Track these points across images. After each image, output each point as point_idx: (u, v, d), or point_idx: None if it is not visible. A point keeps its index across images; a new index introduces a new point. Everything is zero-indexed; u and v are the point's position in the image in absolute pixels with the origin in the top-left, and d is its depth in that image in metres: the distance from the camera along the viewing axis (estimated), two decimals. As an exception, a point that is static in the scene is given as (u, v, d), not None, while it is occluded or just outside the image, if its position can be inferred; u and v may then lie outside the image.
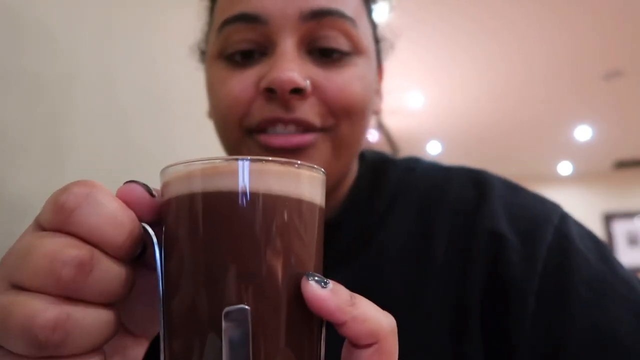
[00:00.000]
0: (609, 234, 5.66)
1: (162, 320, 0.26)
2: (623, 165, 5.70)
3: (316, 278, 0.25)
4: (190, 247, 0.25)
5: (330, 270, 0.31)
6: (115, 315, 0.26)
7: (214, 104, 0.50)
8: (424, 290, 0.47)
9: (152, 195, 0.27)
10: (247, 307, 0.23)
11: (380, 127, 4.21)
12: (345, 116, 0.46)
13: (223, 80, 0.47)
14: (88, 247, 0.24)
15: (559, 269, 0.43)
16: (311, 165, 0.27)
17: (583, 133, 4.68)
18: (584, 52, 3.20)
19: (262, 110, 0.45)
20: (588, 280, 0.42)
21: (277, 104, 0.44)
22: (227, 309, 0.23)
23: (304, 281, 0.24)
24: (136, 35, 1.01)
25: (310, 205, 0.26)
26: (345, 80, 0.46)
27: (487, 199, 0.49)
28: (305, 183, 0.26)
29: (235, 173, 0.24)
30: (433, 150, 5.15)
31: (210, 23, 0.54)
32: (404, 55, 3.06)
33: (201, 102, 0.64)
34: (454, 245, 0.48)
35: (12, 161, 0.69)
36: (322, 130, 0.46)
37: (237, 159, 0.24)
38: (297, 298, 0.25)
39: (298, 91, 0.43)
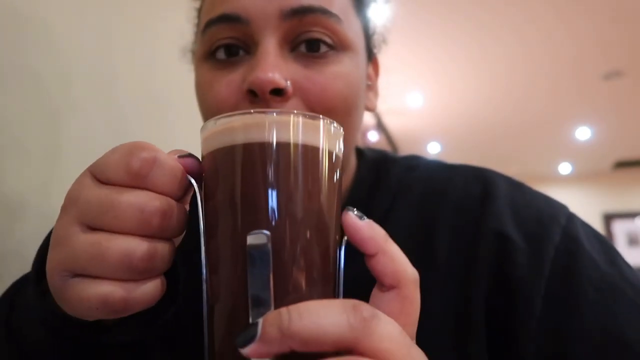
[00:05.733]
0: (609, 234, 5.66)
1: (203, 252, 0.31)
2: (623, 165, 5.70)
3: (355, 212, 0.29)
4: (224, 188, 0.30)
5: None
6: (175, 246, 0.32)
7: (202, 109, 0.50)
8: (426, 289, 0.46)
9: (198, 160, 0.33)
10: (267, 232, 0.27)
11: (380, 127, 4.21)
12: (328, 117, 0.46)
13: (209, 83, 0.47)
14: (165, 198, 0.30)
15: (566, 271, 0.43)
16: (331, 120, 0.31)
17: (583, 133, 4.68)
18: (584, 53, 3.20)
19: None
20: (596, 283, 0.41)
21: (259, 106, 0.43)
22: (250, 233, 0.27)
23: (344, 213, 0.29)
24: (136, 35, 1.01)
25: (330, 152, 0.31)
26: (328, 78, 0.45)
27: (492, 198, 0.48)
28: (324, 133, 0.30)
29: (264, 125, 0.29)
30: (433, 150, 5.16)
31: (198, 25, 0.53)
32: (404, 55, 3.06)
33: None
34: (458, 244, 0.47)
35: (11, 160, 0.69)
36: None
37: (265, 112, 0.29)
38: (316, 227, 0.29)
39: (278, 92, 0.43)
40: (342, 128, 0.32)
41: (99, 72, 0.88)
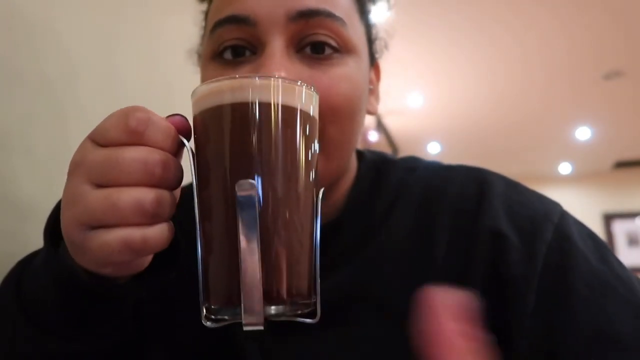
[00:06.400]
0: (609, 234, 5.67)
1: (196, 204, 0.33)
2: (623, 165, 5.70)
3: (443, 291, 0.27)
4: (215, 141, 0.33)
5: (332, 269, 0.32)
6: (175, 197, 0.35)
7: None
8: (423, 286, 0.47)
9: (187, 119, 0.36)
10: (252, 180, 0.30)
11: (381, 128, 4.21)
12: (332, 117, 0.46)
13: None
14: (163, 152, 0.33)
15: (559, 268, 0.43)
16: (309, 85, 0.35)
17: (583, 133, 4.68)
18: (583, 53, 3.21)
19: None
20: (587, 279, 0.42)
21: None
22: (238, 181, 0.30)
23: (428, 290, 0.27)
24: (140, 36, 1.01)
25: (305, 113, 0.34)
26: (332, 79, 0.46)
27: (487, 197, 0.49)
28: (299, 96, 0.34)
29: (248, 87, 0.32)
30: (433, 150, 5.16)
31: (205, 27, 0.54)
32: (404, 56, 3.06)
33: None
34: (455, 243, 0.48)
35: (15, 161, 0.70)
36: None
37: (249, 77, 0.33)
38: (295, 176, 0.33)
39: None
40: (316, 91, 0.36)
41: (104, 73, 0.89)
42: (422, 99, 3.93)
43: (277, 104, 0.33)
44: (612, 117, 4.34)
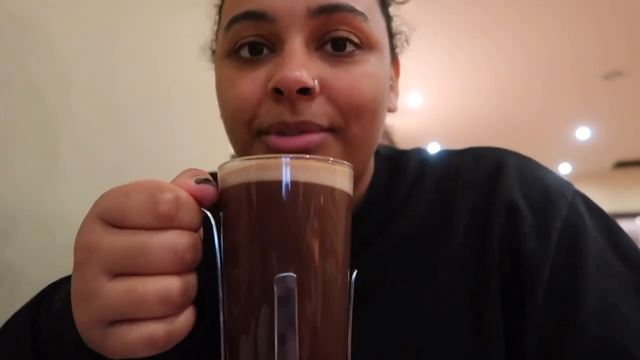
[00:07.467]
0: (609, 234, 5.65)
1: (220, 287, 0.32)
2: (623, 165, 5.70)
3: None
4: (247, 225, 0.31)
5: (352, 258, 0.33)
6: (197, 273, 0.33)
7: (223, 106, 0.49)
8: (444, 265, 0.48)
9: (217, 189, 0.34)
10: (294, 274, 0.29)
11: (380, 128, 4.21)
12: (355, 116, 0.45)
13: (232, 81, 0.46)
14: (190, 233, 0.31)
15: (572, 244, 0.44)
16: (342, 161, 0.33)
17: (583, 133, 4.68)
18: (584, 53, 3.20)
19: (270, 114, 0.44)
20: (596, 258, 0.44)
21: (285, 105, 0.43)
22: (278, 275, 0.29)
23: None
24: (135, 37, 1.01)
25: (341, 192, 0.33)
26: (355, 78, 0.45)
27: (502, 173, 0.50)
28: (337, 175, 0.32)
29: (281, 167, 0.31)
30: (433, 150, 5.16)
31: (219, 22, 0.53)
32: (404, 56, 3.06)
33: (200, 103, 0.64)
34: (473, 220, 0.49)
35: (11, 162, 0.69)
36: (331, 130, 0.45)
37: (282, 157, 0.31)
38: (331, 266, 0.31)
39: (306, 91, 0.42)
40: (351, 167, 0.34)
41: (98, 74, 0.88)
42: (422, 99, 3.92)
43: (309, 184, 0.31)
44: (612, 117, 4.34)
